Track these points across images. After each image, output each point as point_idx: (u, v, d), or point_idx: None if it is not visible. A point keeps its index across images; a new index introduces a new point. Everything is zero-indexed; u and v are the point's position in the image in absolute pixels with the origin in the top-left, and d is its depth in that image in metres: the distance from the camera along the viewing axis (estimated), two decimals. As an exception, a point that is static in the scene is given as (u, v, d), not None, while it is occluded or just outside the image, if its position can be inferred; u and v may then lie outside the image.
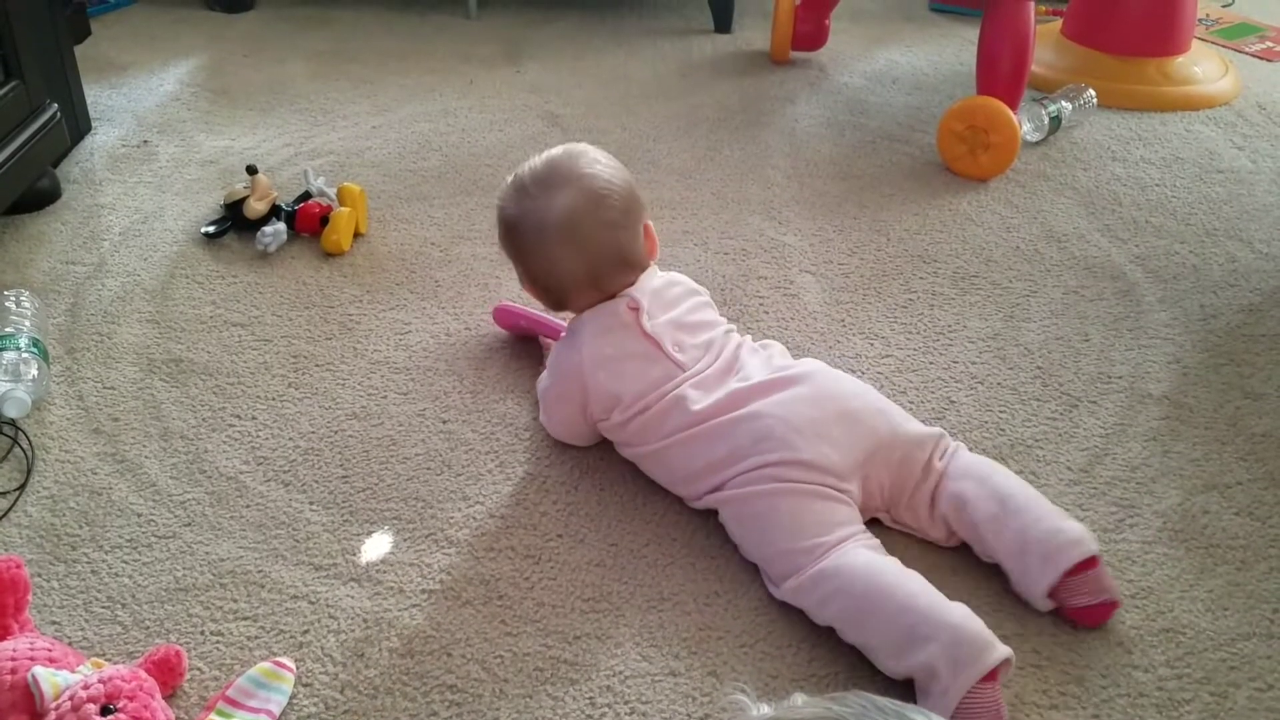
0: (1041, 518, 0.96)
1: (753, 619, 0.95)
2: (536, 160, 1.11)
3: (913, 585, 0.90)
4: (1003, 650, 0.84)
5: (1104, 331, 1.35)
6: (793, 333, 1.34)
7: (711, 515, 1.04)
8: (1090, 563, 0.93)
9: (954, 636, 0.84)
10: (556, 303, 1.14)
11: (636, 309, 1.08)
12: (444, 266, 1.47)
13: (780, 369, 1.07)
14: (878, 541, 0.96)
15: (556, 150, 1.12)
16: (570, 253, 1.07)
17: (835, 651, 0.91)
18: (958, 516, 1.00)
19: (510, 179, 1.12)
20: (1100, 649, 0.92)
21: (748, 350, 1.10)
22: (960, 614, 0.86)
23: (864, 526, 0.97)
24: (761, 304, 1.40)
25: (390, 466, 1.12)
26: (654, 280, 1.12)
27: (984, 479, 1.00)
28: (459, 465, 1.12)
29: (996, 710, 0.83)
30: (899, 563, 0.93)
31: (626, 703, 0.88)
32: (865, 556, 0.93)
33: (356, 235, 1.52)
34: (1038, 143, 1.82)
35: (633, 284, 1.10)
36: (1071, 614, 0.94)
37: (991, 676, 0.84)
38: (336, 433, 1.17)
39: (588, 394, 1.07)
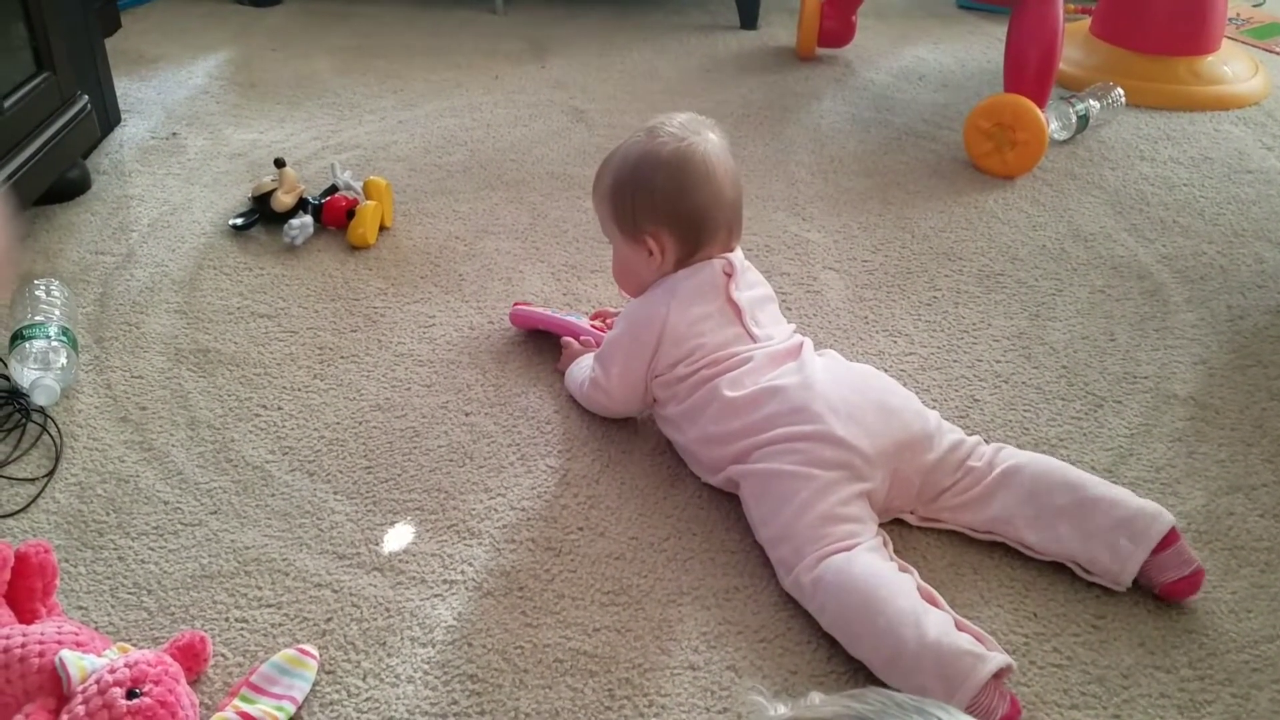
0: (1119, 500, 0.97)
1: (772, 614, 0.95)
2: (662, 117, 1.12)
3: (901, 603, 0.88)
4: (991, 664, 0.83)
5: (1130, 331, 1.34)
6: (816, 329, 1.33)
7: (733, 509, 1.04)
8: (1173, 535, 0.95)
9: (937, 661, 0.83)
10: (690, 250, 1.10)
11: (731, 274, 1.10)
12: (468, 260, 1.47)
13: (836, 364, 1.10)
14: (880, 541, 0.96)
15: (665, 115, 1.14)
16: (728, 187, 1.10)
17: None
18: (1017, 510, 0.99)
19: (645, 132, 1.11)
20: (1122, 649, 0.92)
21: (810, 348, 1.11)
22: (939, 631, 0.85)
23: (875, 528, 0.97)
24: (785, 300, 1.40)
25: (413, 458, 1.13)
26: (742, 257, 1.14)
27: (1047, 469, 1.00)
28: (481, 457, 1.13)
29: (997, 707, 0.83)
30: (895, 569, 0.93)
31: (645, 695, 0.88)
32: (861, 567, 0.91)
33: (382, 229, 1.53)
34: (1065, 141, 1.81)
35: (730, 250, 1.13)
36: (1165, 590, 0.95)
37: (989, 685, 0.83)
38: (361, 424, 1.18)
39: (662, 345, 1.08)
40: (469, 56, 2.19)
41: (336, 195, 1.54)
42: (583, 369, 1.19)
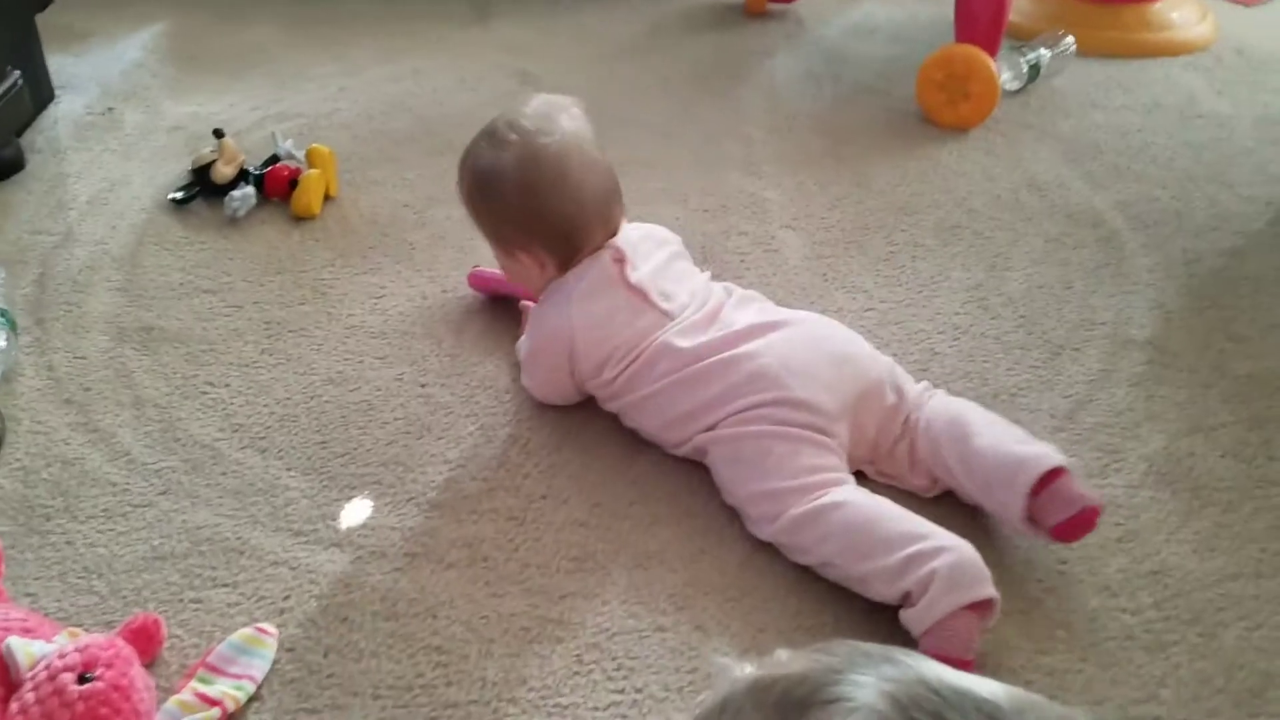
0: (998, 443, 0.95)
1: (739, 574, 0.94)
2: (508, 112, 1.08)
3: (915, 517, 0.91)
4: (994, 591, 0.85)
5: (1086, 278, 1.34)
6: (774, 288, 1.32)
7: (696, 473, 1.03)
8: (1053, 475, 0.91)
9: (958, 559, 0.85)
10: (568, 256, 1.07)
11: (621, 260, 1.06)
12: (417, 229, 1.44)
13: (770, 314, 1.07)
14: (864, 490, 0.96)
15: (514, 106, 1.10)
16: (590, 180, 1.06)
17: (822, 600, 0.90)
18: (934, 461, 0.99)
19: (487, 136, 1.07)
20: (1087, 593, 0.92)
21: (734, 300, 1.09)
22: (968, 545, 0.87)
23: (851, 475, 0.97)
24: (742, 260, 1.38)
25: (368, 431, 1.10)
26: (631, 232, 1.10)
27: (954, 419, 1.00)
28: (439, 429, 1.10)
29: (969, 641, 0.84)
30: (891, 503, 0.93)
31: (614, 659, 0.87)
32: (864, 494, 0.94)
33: (327, 198, 1.49)
34: (1017, 91, 1.80)
35: (613, 235, 1.08)
36: (1054, 534, 0.91)
37: (977, 609, 0.84)
38: (313, 399, 1.15)
39: (576, 356, 1.05)
40: (413, 22, 2.14)
41: (278, 165, 1.50)
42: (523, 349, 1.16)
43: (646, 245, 1.10)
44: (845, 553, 0.90)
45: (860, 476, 1.01)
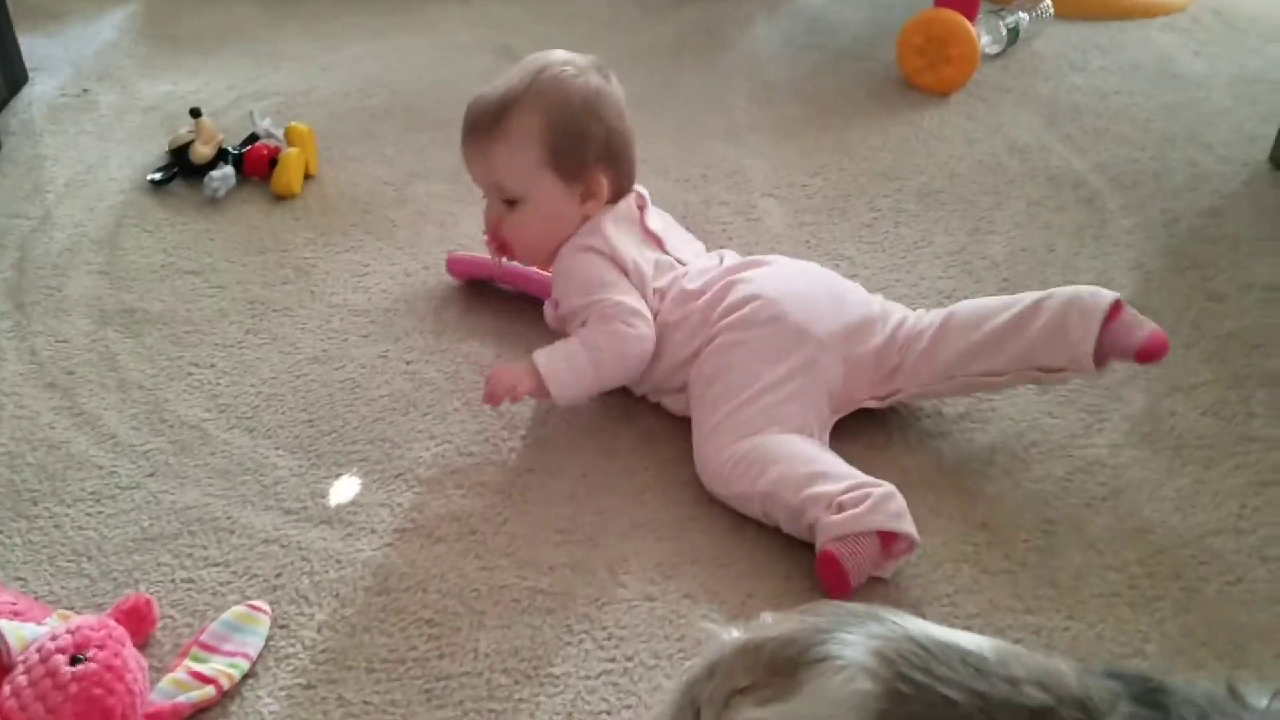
0: (1055, 293, 0.98)
1: (727, 542, 0.95)
2: (548, 55, 1.08)
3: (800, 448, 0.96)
4: (915, 532, 0.89)
5: (1068, 241, 1.35)
6: (758, 256, 1.32)
7: (684, 443, 1.03)
8: (1119, 307, 0.95)
9: (893, 493, 0.89)
10: (623, 189, 1.09)
11: (643, 206, 1.10)
12: (398, 206, 1.44)
13: (765, 258, 1.11)
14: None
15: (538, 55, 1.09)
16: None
17: (810, 566, 0.91)
18: (964, 348, 0.99)
19: (563, 65, 1.06)
20: (1072, 551, 0.93)
21: (730, 257, 1.12)
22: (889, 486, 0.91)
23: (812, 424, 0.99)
24: (725, 229, 1.38)
25: (355, 409, 1.10)
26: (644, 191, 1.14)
27: (977, 305, 1.03)
28: (425, 405, 1.11)
29: (866, 567, 0.88)
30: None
31: (603, 629, 0.88)
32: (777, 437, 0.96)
33: (307, 177, 1.49)
34: (997, 55, 1.80)
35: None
36: (1140, 353, 0.94)
37: (890, 543, 0.88)
38: (298, 377, 1.15)
39: (628, 276, 1.06)
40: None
41: (257, 144, 1.49)
42: (574, 357, 1.02)
43: (656, 207, 1.14)
44: (786, 480, 0.91)
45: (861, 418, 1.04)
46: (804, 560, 0.92)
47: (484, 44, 1.91)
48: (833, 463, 0.94)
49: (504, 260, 1.13)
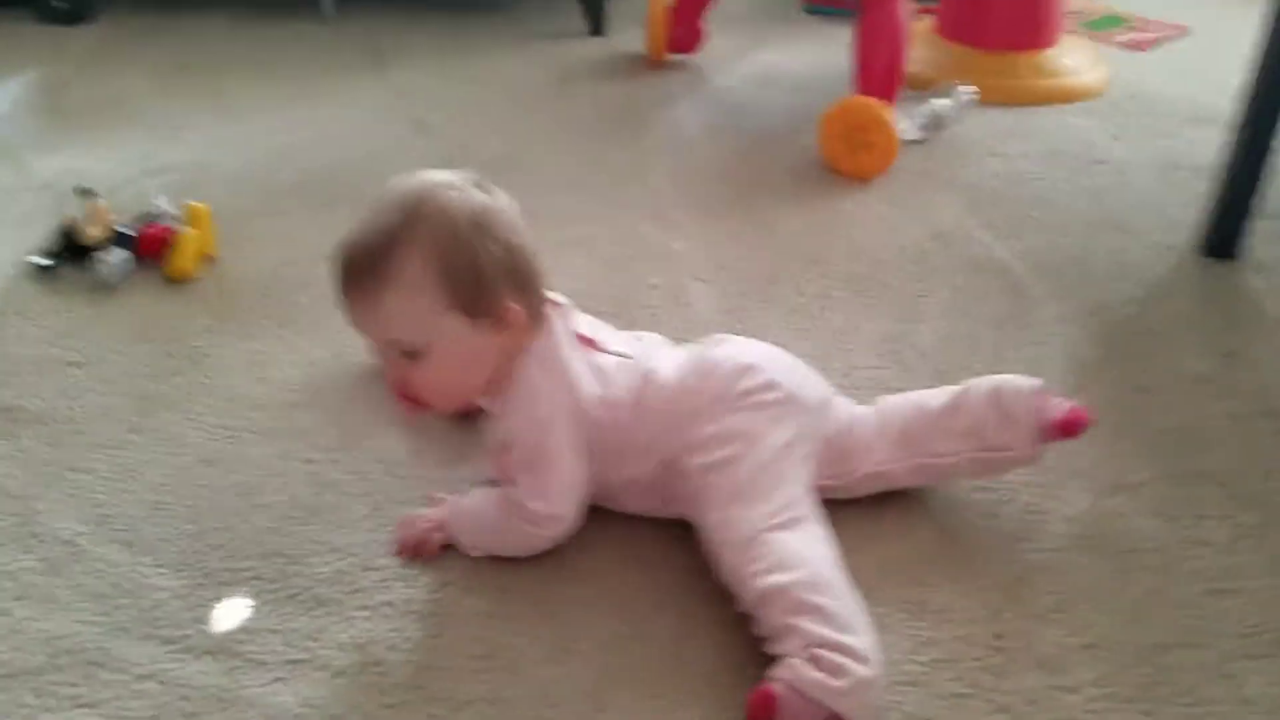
0: (983, 382, 1.00)
1: (663, 665, 0.87)
2: (426, 176, 0.94)
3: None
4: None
5: (995, 331, 1.32)
6: (688, 343, 1.26)
7: (621, 546, 0.96)
8: (1041, 393, 0.98)
9: (874, 680, 0.81)
10: (538, 301, 0.94)
11: (564, 312, 0.97)
12: (304, 288, 1.35)
13: (711, 339, 1.04)
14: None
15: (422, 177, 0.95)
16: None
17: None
18: (911, 431, 1.00)
19: (441, 187, 0.91)
20: (1024, 672, 0.87)
21: (657, 340, 1.07)
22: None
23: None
24: (653, 314, 1.33)
25: (248, 518, 1.00)
26: None
27: (901, 400, 1.04)
28: (327, 512, 1.01)
29: None
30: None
31: (526, 773, 0.79)
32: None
33: (206, 258, 1.39)
34: (918, 141, 1.79)
35: None
36: (1064, 427, 0.96)
37: None
38: (186, 482, 1.04)
39: (585, 417, 0.94)
40: (299, 67, 2.05)
41: (153, 224, 1.39)
42: (486, 513, 0.95)
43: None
44: (784, 594, 0.84)
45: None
46: (751, 684, 0.84)
47: (396, 115, 1.85)
48: (836, 602, 0.84)
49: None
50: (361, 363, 1.20)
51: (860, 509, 1.02)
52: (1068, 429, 0.97)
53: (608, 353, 0.98)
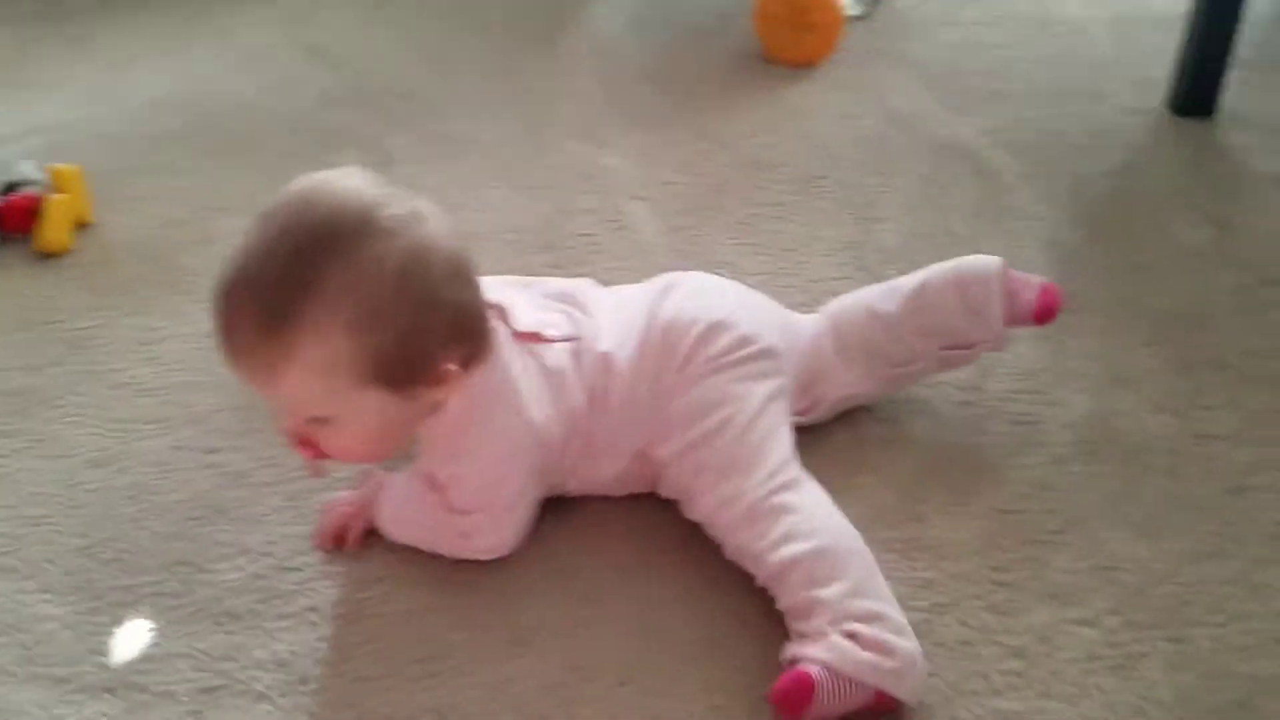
0: (942, 269, 0.91)
1: (628, 651, 0.76)
2: (333, 185, 0.73)
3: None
4: (913, 701, 0.71)
5: (968, 221, 1.20)
6: (631, 272, 1.12)
7: (570, 521, 0.85)
8: (1007, 271, 0.90)
9: (918, 654, 0.71)
10: (482, 341, 0.77)
11: (502, 313, 0.81)
12: (195, 249, 1.20)
13: (657, 283, 0.90)
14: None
15: (323, 181, 0.74)
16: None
17: (739, 677, 0.73)
18: (866, 348, 0.91)
19: (358, 224, 0.71)
20: (1034, 606, 0.78)
21: (601, 294, 0.90)
22: None
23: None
24: (590, 243, 1.19)
25: (144, 524, 0.87)
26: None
27: (860, 300, 0.94)
28: (235, 508, 0.88)
29: (843, 711, 0.69)
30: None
31: (484, 793, 0.68)
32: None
33: (81, 226, 1.24)
34: (862, 16, 1.65)
35: None
36: (1037, 313, 0.89)
37: (882, 702, 0.70)
38: (72, 488, 0.91)
39: (543, 446, 0.80)
40: (175, 3, 1.85)
41: (16, 194, 1.23)
42: (416, 510, 0.82)
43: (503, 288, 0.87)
44: (799, 565, 0.73)
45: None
46: (723, 670, 0.74)
47: (286, 44, 1.68)
48: (860, 569, 0.74)
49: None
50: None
51: (837, 441, 0.91)
52: (1041, 317, 0.89)
53: (554, 341, 0.82)
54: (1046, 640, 0.76)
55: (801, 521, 0.75)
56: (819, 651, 0.69)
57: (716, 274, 1.11)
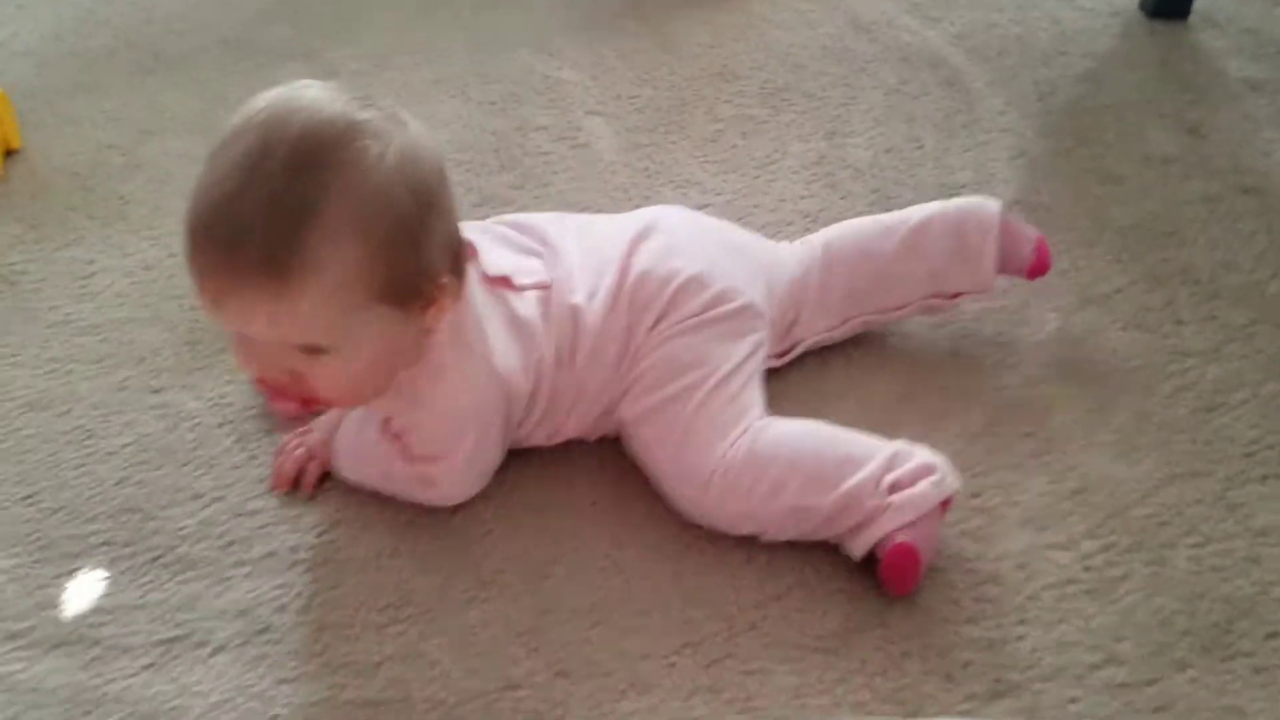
0: (940, 210, 0.89)
1: (598, 590, 0.74)
2: (302, 96, 0.66)
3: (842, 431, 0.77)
4: (958, 485, 0.74)
5: (936, 133, 1.17)
6: (590, 192, 1.10)
7: (537, 457, 0.82)
8: (1005, 218, 0.89)
9: (932, 453, 0.75)
10: (464, 256, 0.73)
11: (474, 256, 0.76)
12: (129, 175, 1.13)
13: (627, 225, 0.84)
14: None
15: (289, 93, 0.67)
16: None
17: (709, 607, 0.72)
18: (854, 289, 0.88)
19: (349, 133, 0.65)
20: (1011, 532, 0.77)
21: (571, 228, 0.85)
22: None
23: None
24: (546, 161, 1.15)
25: (89, 469, 0.84)
26: None
27: (856, 234, 0.90)
28: (184, 450, 0.85)
29: (936, 539, 0.74)
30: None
31: (457, 739, 0.67)
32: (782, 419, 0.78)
33: (7, 153, 1.17)
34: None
35: None
36: (1030, 273, 0.89)
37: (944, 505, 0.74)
38: (10, 434, 0.87)
39: (511, 397, 0.77)
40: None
41: (-68, 118, 1.16)
42: (370, 453, 0.79)
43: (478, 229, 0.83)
44: (811, 484, 0.73)
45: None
46: (701, 600, 0.73)
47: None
48: (844, 437, 0.76)
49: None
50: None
51: (809, 369, 0.89)
52: (1035, 273, 0.89)
53: (524, 289, 0.78)
54: (1023, 566, 0.75)
55: (778, 464, 0.74)
56: (893, 520, 0.71)
57: (682, 195, 1.08)
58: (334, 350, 0.67)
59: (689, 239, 0.84)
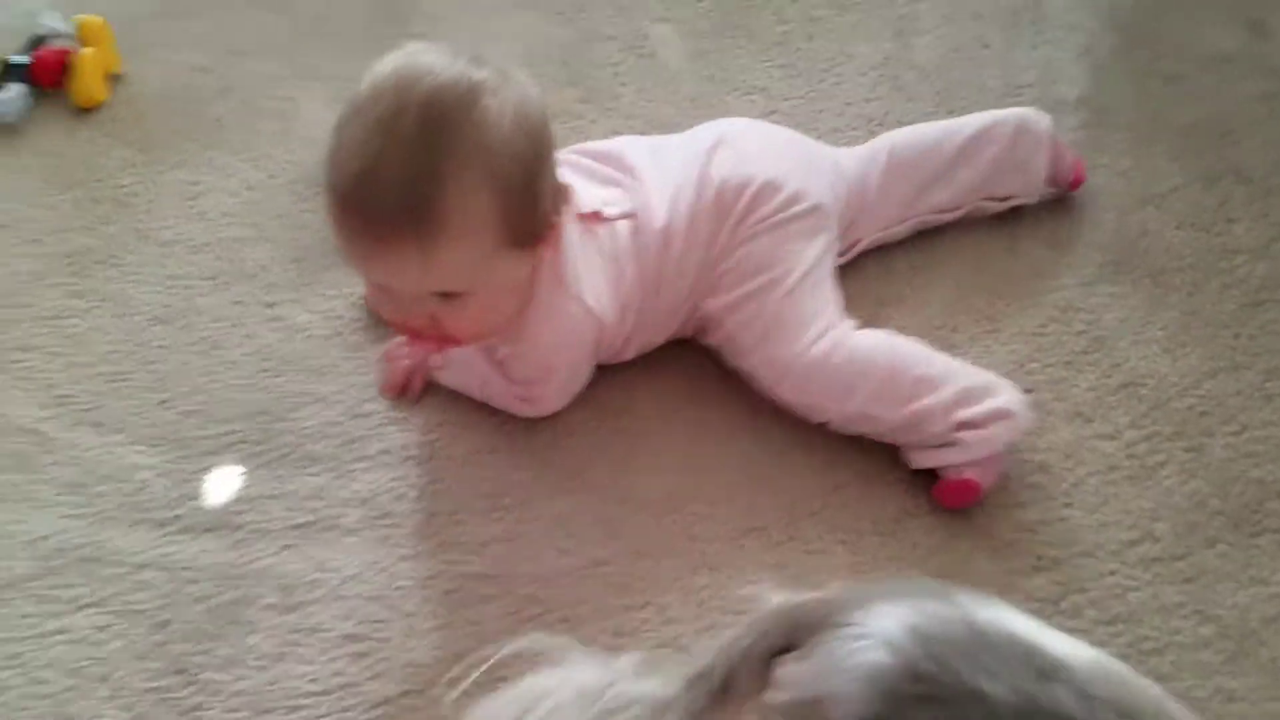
0: (998, 119, 0.95)
1: (673, 486, 0.82)
2: (418, 61, 0.72)
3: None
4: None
5: (1003, 32, 1.18)
6: (658, 103, 1.14)
7: (609, 367, 0.89)
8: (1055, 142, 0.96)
9: (1013, 389, 0.79)
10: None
11: (569, 197, 0.81)
12: (222, 97, 1.20)
13: (700, 139, 0.90)
14: None
15: (408, 59, 0.73)
16: None
17: (776, 495, 0.80)
18: (914, 187, 0.94)
19: (467, 88, 0.71)
20: (1059, 424, 0.83)
21: (648, 150, 0.90)
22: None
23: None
24: (614, 72, 1.18)
25: (217, 376, 0.93)
26: None
27: (918, 139, 0.95)
28: (300, 359, 0.94)
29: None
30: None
31: (555, 610, 0.76)
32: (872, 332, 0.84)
33: (111, 77, 1.24)
34: None
35: None
36: (1073, 185, 0.97)
37: None
38: (142, 345, 0.96)
39: (604, 331, 0.84)
40: None
41: (46, 48, 1.23)
42: (476, 365, 0.87)
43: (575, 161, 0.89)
44: (882, 396, 0.79)
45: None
46: (768, 490, 0.80)
47: None
48: (924, 358, 0.81)
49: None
50: (302, 180, 1.09)
51: (868, 273, 0.94)
52: (1076, 184, 0.97)
53: (614, 220, 0.83)
54: (1069, 455, 0.81)
55: (857, 365, 0.80)
56: (961, 455, 0.77)
57: (750, 102, 1.12)
58: (470, 294, 0.74)
59: (758, 147, 0.89)
